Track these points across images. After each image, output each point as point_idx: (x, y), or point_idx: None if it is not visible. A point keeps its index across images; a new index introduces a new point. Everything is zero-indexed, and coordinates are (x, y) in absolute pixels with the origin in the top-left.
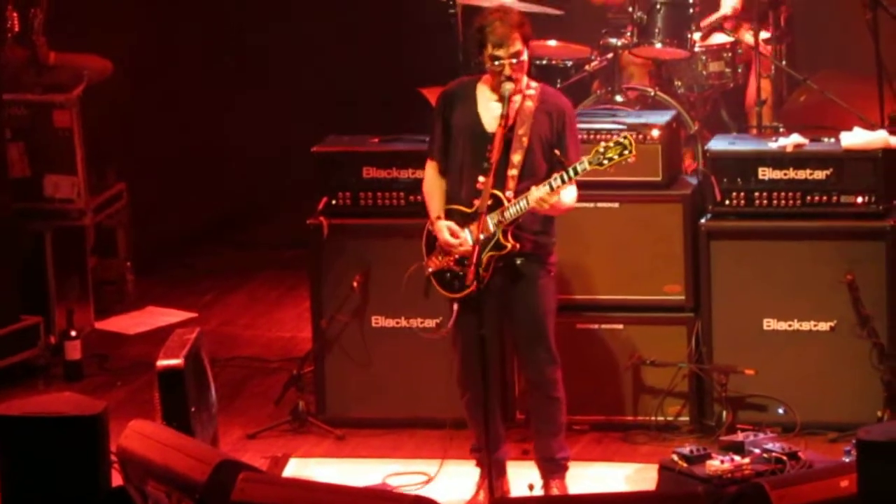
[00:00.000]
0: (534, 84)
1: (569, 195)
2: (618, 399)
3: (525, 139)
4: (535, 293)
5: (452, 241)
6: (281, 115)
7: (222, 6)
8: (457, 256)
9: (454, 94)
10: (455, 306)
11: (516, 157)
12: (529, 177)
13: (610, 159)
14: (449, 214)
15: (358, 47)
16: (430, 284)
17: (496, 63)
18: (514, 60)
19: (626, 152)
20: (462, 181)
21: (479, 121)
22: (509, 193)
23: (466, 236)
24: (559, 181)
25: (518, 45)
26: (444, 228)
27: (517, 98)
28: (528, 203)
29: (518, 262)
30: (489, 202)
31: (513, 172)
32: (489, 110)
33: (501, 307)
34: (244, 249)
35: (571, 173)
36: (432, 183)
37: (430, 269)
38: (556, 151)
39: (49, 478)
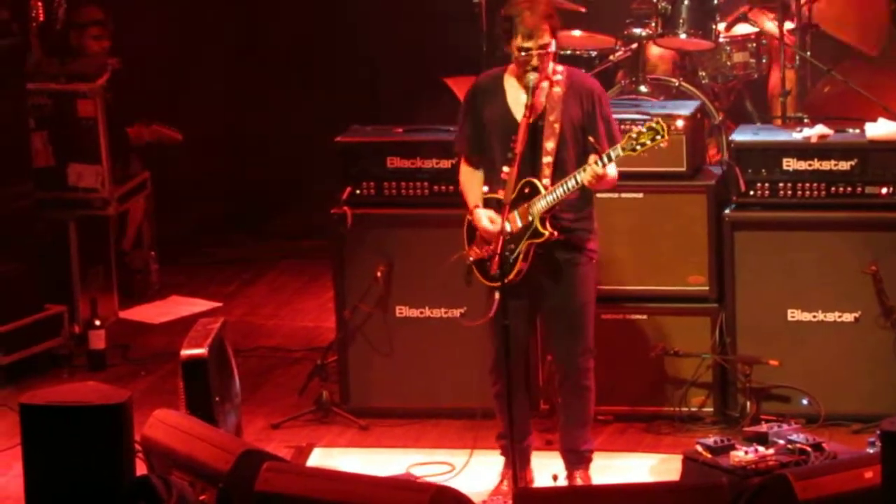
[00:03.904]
0: (560, 68)
1: (612, 168)
2: (641, 389)
3: (557, 126)
4: (574, 281)
5: (492, 228)
6: (303, 105)
7: None
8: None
9: (483, 88)
10: (496, 296)
11: (549, 145)
12: (563, 163)
13: (643, 144)
14: (487, 203)
15: (380, 37)
16: (470, 273)
17: (524, 54)
18: (541, 51)
19: (658, 137)
20: (497, 173)
21: (510, 113)
22: (546, 181)
23: (505, 224)
24: (603, 161)
25: (546, 37)
26: (483, 217)
27: (545, 85)
28: (576, 181)
29: (557, 250)
30: (526, 190)
31: (547, 160)
32: (519, 102)
33: (539, 295)
34: (268, 239)
35: (605, 160)
36: (467, 175)
37: (472, 259)
38: (591, 139)
39: (73, 467)
